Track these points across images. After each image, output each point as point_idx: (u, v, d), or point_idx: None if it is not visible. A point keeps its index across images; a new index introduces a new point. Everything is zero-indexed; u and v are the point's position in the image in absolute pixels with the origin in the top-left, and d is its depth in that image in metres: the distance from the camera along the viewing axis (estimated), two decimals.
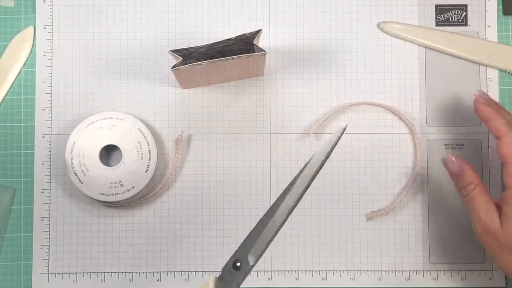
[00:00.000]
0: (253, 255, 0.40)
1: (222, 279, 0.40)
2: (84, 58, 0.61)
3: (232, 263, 0.40)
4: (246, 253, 0.40)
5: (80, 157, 0.57)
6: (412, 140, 0.60)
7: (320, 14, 0.61)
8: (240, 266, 0.40)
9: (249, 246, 0.40)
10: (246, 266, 0.40)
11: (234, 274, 0.40)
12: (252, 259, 0.40)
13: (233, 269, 0.40)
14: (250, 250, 0.40)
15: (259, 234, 0.41)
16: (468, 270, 0.59)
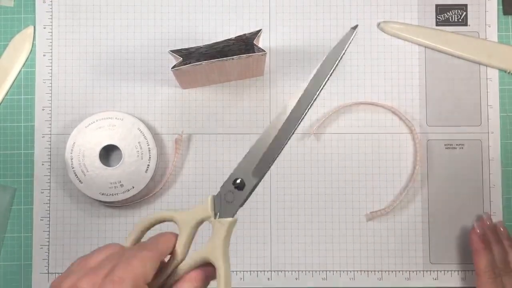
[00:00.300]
0: (256, 173, 0.38)
1: (223, 198, 0.37)
2: (84, 58, 0.61)
3: (233, 182, 0.37)
4: (248, 171, 0.37)
5: (80, 157, 0.57)
6: (412, 140, 0.60)
7: (320, 14, 0.61)
8: (243, 185, 0.37)
9: (251, 163, 0.37)
10: (250, 185, 0.37)
11: (236, 193, 0.37)
12: (256, 177, 0.37)
13: (235, 189, 0.37)
14: (253, 167, 0.37)
15: (262, 150, 0.38)
16: (468, 270, 0.59)
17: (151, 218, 0.38)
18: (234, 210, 0.37)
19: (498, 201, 0.60)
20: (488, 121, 0.60)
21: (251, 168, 0.37)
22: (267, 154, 0.38)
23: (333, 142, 0.60)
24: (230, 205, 0.37)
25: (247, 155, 0.38)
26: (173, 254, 0.36)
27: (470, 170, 0.60)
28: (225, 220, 0.36)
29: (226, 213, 0.37)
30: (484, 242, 0.56)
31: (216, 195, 0.37)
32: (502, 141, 0.60)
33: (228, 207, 0.37)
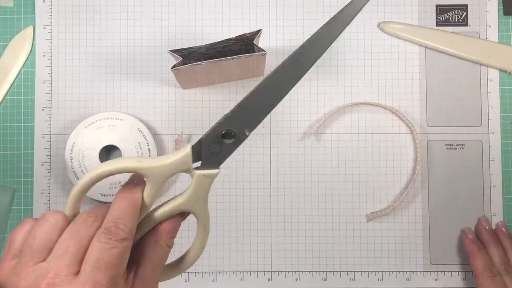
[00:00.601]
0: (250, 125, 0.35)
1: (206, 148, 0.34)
2: (84, 58, 0.60)
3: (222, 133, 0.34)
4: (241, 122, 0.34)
5: (79, 157, 0.57)
6: (413, 141, 0.60)
7: (320, 14, 0.61)
8: (234, 137, 0.34)
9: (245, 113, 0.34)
10: (241, 137, 0.35)
11: (223, 145, 0.34)
12: (249, 129, 0.35)
13: (223, 139, 0.34)
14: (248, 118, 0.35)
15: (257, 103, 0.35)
16: (468, 270, 0.59)
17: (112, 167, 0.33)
18: (219, 162, 0.35)
19: (498, 202, 0.60)
20: (489, 122, 0.60)
21: (245, 120, 0.35)
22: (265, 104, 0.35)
23: (333, 142, 0.60)
24: (215, 156, 0.35)
25: (240, 105, 0.35)
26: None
27: (470, 171, 0.60)
28: (211, 172, 0.34)
29: (208, 164, 0.34)
30: (478, 244, 0.57)
31: (196, 144, 0.34)
32: (503, 142, 0.60)
33: (212, 158, 0.34)
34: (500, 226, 0.58)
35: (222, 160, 0.35)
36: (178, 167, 0.34)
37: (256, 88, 0.35)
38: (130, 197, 0.33)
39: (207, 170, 0.34)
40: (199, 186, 0.34)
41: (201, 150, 0.34)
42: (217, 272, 0.59)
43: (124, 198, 0.33)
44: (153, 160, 0.34)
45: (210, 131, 0.34)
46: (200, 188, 0.34)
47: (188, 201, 0.35)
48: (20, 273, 0.30)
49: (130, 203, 0.33)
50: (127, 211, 0.32)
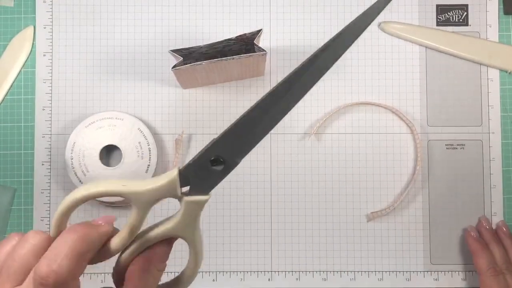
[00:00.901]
0: (240, 152, 0.32)
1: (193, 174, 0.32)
2: (84, 58, 0.60)
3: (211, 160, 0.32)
4: (230, 149, 0.32)
5: (80, 157, 0.57)
6: (413, 140, 0.60)
7: (320, 14, 0.61)
8: (223, 164, 0.32)
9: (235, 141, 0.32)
10: (233, 165, 0.32)
11: (212, 171, 0.32)
12: (239, 157, 0.32)
13: (212, 166, 0.32)
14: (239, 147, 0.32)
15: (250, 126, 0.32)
16: (468, 270, 0.59)
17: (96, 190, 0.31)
18: (210, 188, 0.33)
19: (499, 201, 0.60)
20: (489, 121, 0.60)
21: (236, 146, 0.32)
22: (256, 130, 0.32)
23: (333, 142, 0.60)
24: (203, 182, 0.32)
25: (231, 129, 0.32)
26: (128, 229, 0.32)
27: (471, 170, 0.60)
28: (200, 199, 0.32)
29: (197, 190, 0.32)
30: (481, 243, 0.57)
31: (184, 169, 0.32)
32: (503, 141, 0.60)
33: (200, 184, 0.32)
34: (501, 226, 0.58)
35: (211, 186, 0.33)
36: (165, 192, 0.32)
37: (247, 112, 0.32)
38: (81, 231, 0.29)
39: (196, 196, 0.32)
40: (189, 212, 0.33)
41: (189, 174, 0.32)
42: (217, 272, 0.59)
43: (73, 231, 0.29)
44: (139, 184, 0.32)
45: (197, 157, 0.32)
46: (189, 214, 0.33)
47: (177, 227, 0.33)
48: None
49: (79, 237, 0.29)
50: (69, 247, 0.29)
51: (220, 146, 0.32)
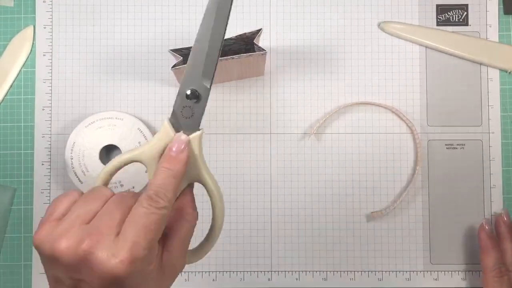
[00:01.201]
0: (206, 76, 0.37)
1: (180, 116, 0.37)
2: (84, 58, 0.60)
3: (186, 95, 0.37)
4: (197, 79, 0.37)
5: (80, 157, 0.57)
6: (413, 140, 0.60)
7: (320, 14, 0.61)
8: (199, 94, 0.37)
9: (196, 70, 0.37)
10: (205, 92, 0.37)
11: (193, 106, 0.37)
12: (207, 81, 0.37)
13: (191, 100, 0.37)
14: (201, 72, 0.37)
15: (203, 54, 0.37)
16: (468, 270, 0.59)
17: (115, 163, 0.37)
18: (198, 122, 0.37)
19: (499, 201, 0.60)
20: (489, 121, 0.60)
21: (199, 75, 0.37)
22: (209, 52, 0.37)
23: (333, 142, 0.60)
24: (191, 119, 0.37)
25: (188, 65, 0.37)
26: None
27: (470, 170, 0.60)
28: (195, 135, 0.37)
29: (189, 129, 0.37)
30: (493, 240, 0.56)
31: (172, 116, 0.37)
32: (503, 141, 0.60)
33: (189, 122, 0.37)
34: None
35: (198, 120, 0.37)
36: (163, 141, 0.36)
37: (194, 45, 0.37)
38: (173, 169, 0.35)
39: (191, 134, 0.37)
40: (191, 152, 0.36)
41: (178, 119, 0.37)
42: (217, 272, 0.59)
43: (167, 169, 0.35)
44: (142, 145, 0.37)
45: (176, 99, 0.37)
46: (192, 154, 0.37)
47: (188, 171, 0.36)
48: (61, 234, 0.32)
49: (172, 175, 0.35)
50: (168, 181, 0.35)
51: (188, 81, 0.37)
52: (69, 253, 0.31)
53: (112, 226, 0.32)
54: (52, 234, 0.32)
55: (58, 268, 0.32)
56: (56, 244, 0.32)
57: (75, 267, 0.32)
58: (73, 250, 0.31)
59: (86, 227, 0.32)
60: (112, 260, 0.31)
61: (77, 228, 0.32)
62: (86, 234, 0.32)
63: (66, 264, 0.32)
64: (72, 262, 0.31)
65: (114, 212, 0.33)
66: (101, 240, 0.31)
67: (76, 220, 0.33)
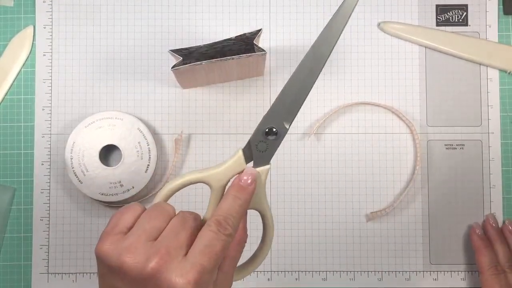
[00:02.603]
0: (288, 118, 0.39)
1: (254, 149, 0.39)
2: (84, 58, 0.60)
3: (265, 131, 0.39)
4: (279, 119, 0.39)
5: (79, 157, 0.57)
6: (412, 140, 0.60)
7: (320, 14, 0.61)
8: (277, 132, 0.39)
9: (281, 110, 0.39)
10: (283, 131, 0.39)
11: (269, 141, 0.39)
12: (288, 123, 0.39)
13: (267, 136, 0.39)
14: (285, 114, 0.39)
15: (290, 96, 0.39)
16: (468, 270, 0.59)
17: (181, 181, 0.38)
18: (269, 158, 0.39)
19: (498, 201, 0.60)
20: (489, 121, 0.60)
21: (282, 115, 0.39)
22: (296, 98, 0.39)
23: (333, 142, 0.60)
24: (264, 153, 0.39)
25: (275, 104, 0.39)
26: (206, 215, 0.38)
27: (470, 171, 0.60)
28: (265, 169, 0.38)
29: (259, 162, 0.39)
30: (485, 241, 0.57)
31: (246, 147, 0.38)
32: (503, 141, 0.60)
33: (262, 156, 0.39)
34: (507, 224, 0.58)
35: (270, 155, 0.39)
36: (234, 170, 0.38)
37: (284, 88, 0.38)
38: (243, 198, 0.37)
39: (260, 167, 0.38)
40: (257, 183, 0.38)
41: (251, 150, 0.38)
42: None
43: (236, 197, 0.37)
44: (212, 168, 0.38)
45: (254, 132, 0.39)
46: (258, 185, 0.38)
47: (252, 200, 0.38)
48: (128, 248, 0.32)
49: (241, 204, 0.37)
50: (236, 210, 0.36)
51: (270, 119, 0.39)
52: (137, 269, 0.32)
53: (179, 247, 0.33)
54: (118, 248, 0.33)
55: (121, 281, 0.33)
56: (123, 257, 0.32)
57: (141, 283, 0.32)
58: (141, 266, 0.32)
59: (153, 244, 0.33)
60: (179, 280, 0.32)
61: (144, 245, 0.33)
62: (154, 253, 0.32)
63: (131, 279, 0.32)
64: (138, 277, 0.32)
65: (179, 232, 0.34)
66: (169, 261, 0.32)
67: (142, 236, 0.33)
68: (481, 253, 0.56)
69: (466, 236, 0.60)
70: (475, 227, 0.58)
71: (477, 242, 0.57)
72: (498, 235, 0.57)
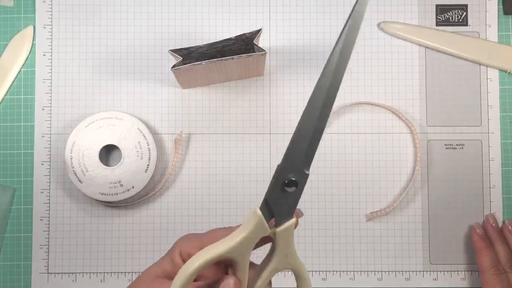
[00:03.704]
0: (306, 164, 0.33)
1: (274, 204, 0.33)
2: (84, 58, 0.60)
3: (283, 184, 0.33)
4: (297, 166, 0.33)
5: (79, 157, 0.57)
6: (412, 140, 0.60)
7: (320, 14, 0.61)
8: (296, 182, 0.33)
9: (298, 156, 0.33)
10: (304, 179, 0.33)
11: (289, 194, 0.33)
12: (307, 168, 0.33)
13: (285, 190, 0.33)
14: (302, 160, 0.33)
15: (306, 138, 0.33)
16: (468, 270, 0.59)
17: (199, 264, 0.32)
18: (291, 210, 0.33)
19: (498, 201, 0.60)
20: (489, 121, 0.60)
21: (299, 162, 0.33)
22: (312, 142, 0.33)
23: (333, 142, 0.60)
24: (285, 207, 0.33)
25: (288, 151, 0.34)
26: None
27: (470, 170, 0.60)
28: (289, 224, 0.33)
29: (282, 218, 0.33)
30: (486, 241, 0.57)
31: (262, 206, 0.33)
32: (502, 141, 0.60)
33: (283, 209, 0.33)
34: (507, 224, 0.58)
35: (293, 207, 0.33)
36: (257, 235, 0.33)
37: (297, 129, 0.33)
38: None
39: (285, 224, 0.33)
40: (284, 241, 0.34)
41: (269, 207, 0.33)
42: None
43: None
44: (232, 238, 0.33)
45: (270, 186, 0.33)
46: (285, 243, 0.34)
47: (281, 261, 0.34)
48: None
49: None
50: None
51: (286, 168, 0.33)
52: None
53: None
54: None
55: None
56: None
57: None
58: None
59: None
60: None
61: None
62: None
63: None
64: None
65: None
66: None
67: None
68: (482, 253, 0.56)
69: (466, 236, 0.60)
70: (476, 227, 0.58)
71: (478, 242, 0.57)
72: (498, 235, 0.57)
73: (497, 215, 0.60)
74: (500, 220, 0.60)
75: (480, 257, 0.56)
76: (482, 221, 0.59)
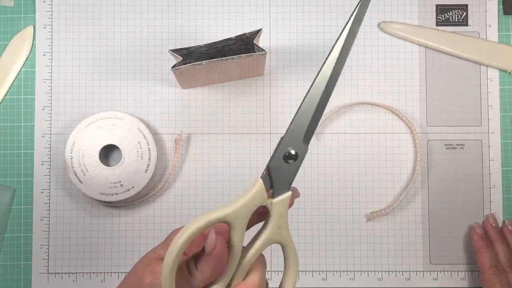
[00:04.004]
0: (306, 139, 0.36)
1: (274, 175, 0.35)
2: (84, 58, 0.60)
3: (285, 156, 0.35)
4: (298, 140, 0.36)
5: (80, 157, 0.57)
6: (412, 140, 0.60)
7: (320, 14, 0.61)
8: (297, 155, 0.35)
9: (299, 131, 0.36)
10: (302, 153, 0.36)
11: (288, 166, 0.35)
12: (306, 144, 0.36)
13: (285, 161, 0.35)
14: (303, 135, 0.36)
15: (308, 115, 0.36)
16: (468, 270, 0.59)
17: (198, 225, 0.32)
18: (289, 183, 0.36)
19: (498, 201, 0.60)
20: (489, 121, 0.60)
21: (300, 136, 0.36)
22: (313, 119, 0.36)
23: (333, 142, 0.60)
24: (283, 179, 0.36)
25: (292, 126, 0.36)
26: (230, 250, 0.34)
27: (470, 170, 0.60)
28: (285, 197, 0.35)
29: (280, 189, 0.35)
30: (486, 241, 0.57)
31: (265, 174, 0.35)
32: (503, 141, 0.60)
33: (281, 182, 0.35)
34: (507, 224, 0.58)
35: (291, 181, 0.36)
36: (256, 202, 0.34)
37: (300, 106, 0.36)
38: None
39: (282, 196, 0.35)
40: (279, 213, 0.35)
41: (271, 177, 0.35)
42: None
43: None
44: (231, 204, 0.34)
45: (271, 159, 0.35)
46: (280, 215, 0.35)
47: (274, 232, 0.36)
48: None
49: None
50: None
51: (287, 141, 0.35)
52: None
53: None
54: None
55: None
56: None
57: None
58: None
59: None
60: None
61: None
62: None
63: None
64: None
65: None
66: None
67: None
68: (482, 253, 0.56)
69: (466, 236, 0.60)
70: (476, 227, 0.58)
71: (478, 242, 0.57)
72: (498, 235, 0.57)
73: (497, 215, 0.60)
74: (500, 220, 0.60)
75: (480, 257, 0.56)
76: (482, 221, 0.60)
